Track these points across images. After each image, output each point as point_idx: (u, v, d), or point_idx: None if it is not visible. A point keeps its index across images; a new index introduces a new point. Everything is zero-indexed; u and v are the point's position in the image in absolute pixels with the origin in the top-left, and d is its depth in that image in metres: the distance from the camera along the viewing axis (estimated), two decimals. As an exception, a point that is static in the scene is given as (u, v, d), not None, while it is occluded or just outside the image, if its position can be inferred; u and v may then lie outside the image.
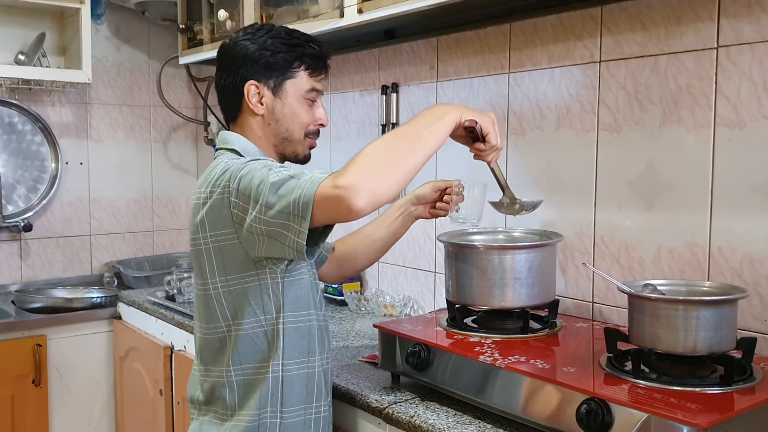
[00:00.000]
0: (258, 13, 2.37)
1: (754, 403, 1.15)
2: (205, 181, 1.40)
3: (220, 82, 1.50)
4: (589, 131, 1.78)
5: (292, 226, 1.23)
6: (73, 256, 3.22)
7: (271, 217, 1.24)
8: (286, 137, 1.49)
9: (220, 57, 1.51)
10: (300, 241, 1.23)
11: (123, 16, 3.30)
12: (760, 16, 1.45)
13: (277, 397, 1.39)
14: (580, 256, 1.81)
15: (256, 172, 1.30)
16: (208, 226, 1.36)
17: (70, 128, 3.19)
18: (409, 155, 1.23)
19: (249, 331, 1.39)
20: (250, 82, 1.45)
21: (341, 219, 1.23)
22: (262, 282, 1.37)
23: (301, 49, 1.48)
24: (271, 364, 1.39)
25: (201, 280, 1.42)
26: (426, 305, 2.28)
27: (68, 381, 2.75)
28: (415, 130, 1.27)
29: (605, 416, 1.15)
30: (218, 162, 1.42)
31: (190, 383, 1.53)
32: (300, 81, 1.48)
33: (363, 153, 1.22)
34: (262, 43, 1.46)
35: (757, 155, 1.46)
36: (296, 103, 1.48)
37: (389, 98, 2.36)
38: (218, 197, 1.34)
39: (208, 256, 1.38)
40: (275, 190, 1.24)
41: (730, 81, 1.51)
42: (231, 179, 1.32)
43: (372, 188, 1.18)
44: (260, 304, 1.38)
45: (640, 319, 1.28)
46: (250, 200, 1.28)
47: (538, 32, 1.89)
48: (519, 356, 1.38)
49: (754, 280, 1.48)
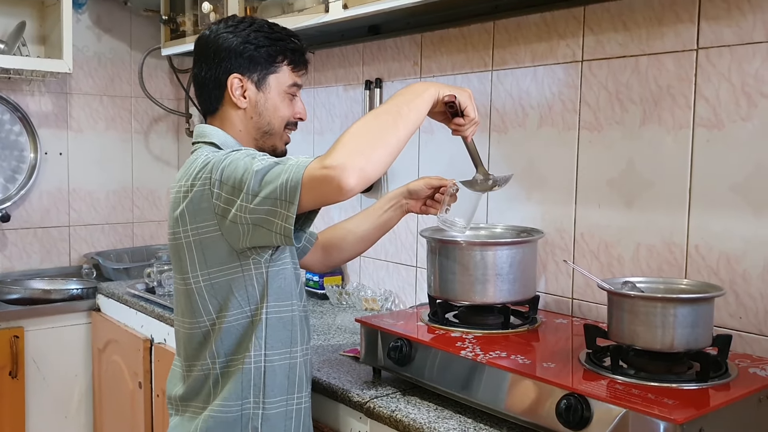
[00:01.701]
0: (242, 5, 2.36)
1: (729, 399, 1.18)
2: (185, 175, 1.39)
3: (201, 74, 1.48)
4: (571, 130, 1.80)
5: (279, 212, 1.23)
6: (51, 247, 3.19)
7: (257, 204, 1.25)
8: (267, 131, 1.49)
9: (200, 48, 1.49)
10: (287, 226, 1.23)
11: (105, 6, 3.27)
12: (739, 20, 1.48)
13: (260, 387, 1.39)
14: (560, 253, 1.83)
15: (239, 161, 1.30)
16: (188, 219, 1.36)
17: (49, 118, 3.16)
18: (393, 132, 1.25)
19: (233, 323, 1.38)
20: (233, 75, 1.45)
21: (331, 200, 1.23)
22: (246, 273, 1.37)
23: (283, 43, 1.48)
24: (253, 354, 1.38)
25: (181, 274, 1.41)
26: (407, 300, 2.29)
27: (45, 373, 2.73)
28: (395, 108, 1.29)
29: (584, 411, 1.17)
30: (198, 155, 1.41)
31: (171, 380, 1.51)
32: (283, 76, 1.49)
33: (347, 134, 1.23)
34: (246, 36, 1.45)
35: (735, 156, 1.49)
36: (278, 98, 1.48)
37: (373, 93, 2.37)
38: (199, 189, 1.33)
39: (188, 250, 1.38)
40: (260, 177, 1.25)
41: (709, 83, 1.53)
42: (213, 171, 1.32)
43: (360, 166, 1.19)
44: (244, 294, 1.38)
45: (619, 315, 1.30)
46: (234, 190, 1.28)
47: (522, 31, 1.90)
48: (500, 351, 1.40)
49: (730, 279, 1.51)
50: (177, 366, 1.51)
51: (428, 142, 2.19)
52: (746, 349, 1.49)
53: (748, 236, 1.48)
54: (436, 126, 2.16)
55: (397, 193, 1.67)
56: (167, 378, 1.53)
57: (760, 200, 1.46)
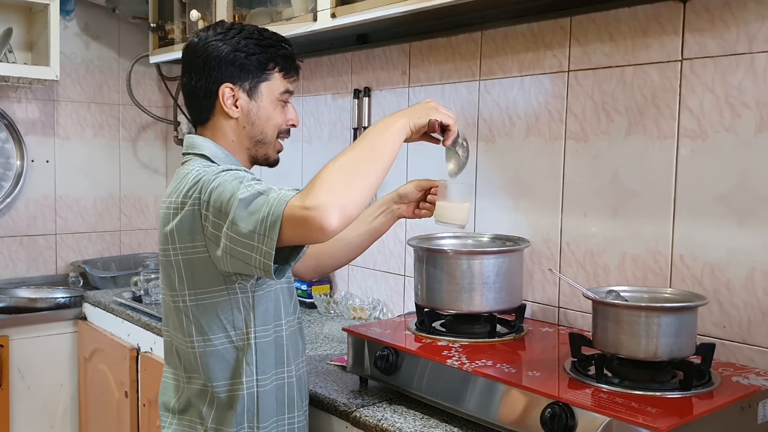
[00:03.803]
0: (230, 13, 2.37)
1: (712, 407, 1.18)
2: (176, 190, 1.35)
3: (190, 83, 1.45)
4: (557, 139, 1.81)
5: (257, 246, 1.20)
6: (37, 256, 3.17)
7: (238, 234, 1.22)
8: (260, 140, 1.47)
9: (189, 57, 1.46)
10: (266, 261, 1.20)
11: (93, 13, 3.27)
12: (723, 31, 1.50)
13: (253, 412, 1.37)
14: (546, 261, 1.84)
15: (227, 185, 1.26)
16: (177, 237, 1.33)
17: (36, 125, 3.14)
18: (371, 168, 1.23)
19: (219, 347, 1.36)
20: (225, 85, 1.42)
21: (312, 240, 1.20)
22: (232, 296, 1.35)
23: (274, 50, 1.46)
24: (245, 380, 1.36)
25: (171, 291, 1.39)
26: (395, 308, 2.30)
27: (30, 382, 2.70)
28: (369, 144, 1.26)
29: (568, 420, 1.17)
30: (188, 170, 1.37)
31: (166, 389, 1.48)
32: (274, 83, 1.46)
33: (325, 172, 1.20)
34: (236, 44, 1.42)
35: (719, 166, 1.51)
36: (270, 106, 1.46)
37: (361, 102, 2.38)
38: (189, 209, 1.31)
39: (177, 268, 1.35)
40: (244, 206, 1.22)
41: (694, 93, 1.55)
42: (202, 191, 1.29)
43: (341, 204, 1.16)
44: (230, 319, 1.35)
45: (604, 324, 1.31)
46: (220, 214, 1.25)
47: (509, 41, 1.92)
48: (486, 360, 1.40)
49: (714, 288, 1.52)
50: (169, 377, 1.48)
51: (417, 151, 2.20)
52: (729, 358, 1.50)
53: (731, 246, 1.49)
54: (423, 135, 2.17)
55: (388, 199, 1.64)
56: (159, 388, 1.50)
57: (744, 210, 1.47)
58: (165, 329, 1.49)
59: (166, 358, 1.50)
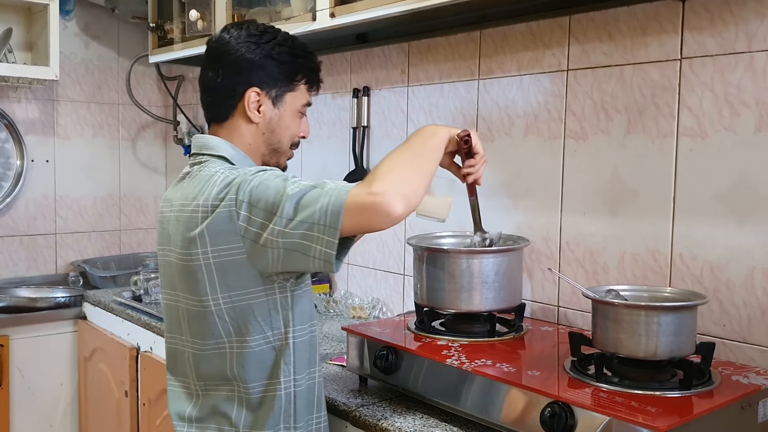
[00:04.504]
0: (230, 13, 2.37)
1: (712, 406, 1.18)
2: (201, 192, 1.31)
3: (216, 80, 1.42)
4: (556, 138, 1.81)
5: (317, 236, 1.20)
6: (37, 255, 3.17)
7: (293, 228, 1.21)
8: (276, 148, 1.46)
9: (219, 53, 1.42)
10: (329, 252, 1.20)
11: (92, 13, 3.27)
12: (722, 30, 1.50)
13: (290, 413, 1.36)
14: (546, 260, 1.84)
15: (269, 182, 1.25)
16: (208, 240, 1.29)
17: (36, 125, 3.14)
18: (425, 165, 1.30)
19: (255, 348, 1.33)
20: (252, 89, 1.40)
21: (376, 226, 1.22)
22: (270, 297, 1.32)
23: (304, 61, 1.45)
24: (283, 380, 1.34)
25: (195, 296, 1.34)
26: (395, 308, 2.30)
27: (31, 382, 2.71)
28: (421, 145, 1.33)
29: (568, 419, 1.17)
30: (212, 171, 1.34)
31: (177, 397, 1.45)
32: (299, 94, 1.46)
33: (386, 164, 1.25)
34: (269, 50, 1.40)
35: (718, 165, 1.50)
36: (290, 116, 1.45)
37: (360, 101, 2.37)
38: (223, 211, 1.27)
39: (207, 272, 1.31)
40: (296, 200, 1.21)
41: (693, 92, 1.55)
42: (239, 191, 1.26)
43: (404, 194, 1.20)
44: (267, 319, 1.33)
45: (603, 323, 1.31)
46: (266, 213, 1.23)
47: (508, 40, 1.92)
48: (485, 360, 1.40)
49: (714, 287, 1.52)
50: (176, 386, 1.45)
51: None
52: (729, 357, 1.50)
53: (731, 245, 1.49)
54: (423, 134, 2.17)
55: None
56: (168, 398, 1.47)
57: (743, 209, 1.47)
58: (170, 336, 1.45)
59: (171, 367, 1.46)
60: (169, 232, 1.38)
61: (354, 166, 2.39)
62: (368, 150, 2.38)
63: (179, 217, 1.35)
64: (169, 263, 1.39)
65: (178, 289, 1.38)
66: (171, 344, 1.45)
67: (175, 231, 1.35)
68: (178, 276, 1.37)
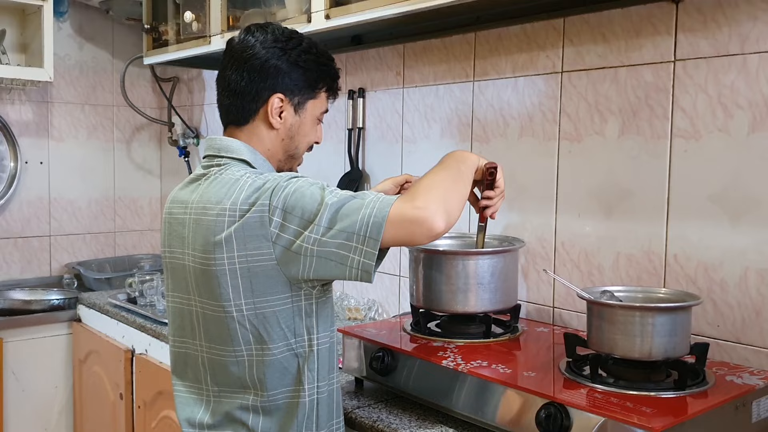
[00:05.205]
0: (225, 15, 2.37)
1: (707, 406, 1.19)
2: (227, 195, 1.29)
3: (240, 83, 1.39)
4: (551, 140, 1.81)
5: (356, 247, 1.21)
6: (32, 257, 3.16)
7: (331, 237, 1.21)
8: (292, 154, 1.46)
9: (243, 57, 1.39)
10: (368, 262, 1.21)
11: (87, 14, 3.26)
12: (716, 32, 1.50)
13: (312, 419, 1.35)
14: (541, 261, 1.85)
15: (305, 190, 1.25)
16: (236, 245, 1.26)
17: (30, 127, 3.13)
18: (461, 186, 1.34)
19: (278, 356, 1.31)
20: (276, 95, 1.38)
21: (416, 240, 1.23)
22: (295, 304, 1.31)
23: (327, 69, 1.45)
24: (306, 387, 1.33)
25: (216, 301, 1.31)
26: (391, 309, 2.30)
27: (25, 385, 2.70)
28: (455, 167, 1.36)
29: (564, 420, 1.18)
30: (236, 175, 1.32)
31: (186, 403, 1.42)
32: (319, 102, 1.45)
33: (428, 182, 1.28)
34: (296, 57, 1.39)
35: (712, 166, 1.51)
36: (310, 123, 1.45)
37: (356, 103, 2.38)
38: (255, 216, 1.25)
39: (231, 277, 1.28)
40: (335, 209, 1.22)
41: (687, 94, 1.55)
42: (272, 197, 1.25)
43: (446, 209, 1.23)
44: (291, 326, 1.32)
45: (598, 324, 1.32)
46: (302, 221, 1.23)
47: (503, 42, 1.92)
48: (481, 361, 1.41)
49: (708, 287, 1.53)
50: (183, 391, 1.43)
51: (411, 152, 2.21)
52: (724, 357, 1.50)
53: (725, 246, 1.50)
54: (418, 135, 2.17)
55: None
56: (176, 404, 1.44)
57: (737, 210, 1.48)
58: (180, 340, 1.42)
59: (179, 371, 1.44)
60: (184, 235, 1.35)
61: (349, 167, 2.39)
62: (363, 151, 2.38)
63: (200, 221, 1.32)
64: (183, 266, 1.37)
65: (195, 293, 1.36)
66: (180, 348, 1.43)
67: (194, 234, 1.33)
68: (194, 280, 1.34)
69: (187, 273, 1.35)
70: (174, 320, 1.44)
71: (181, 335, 1.42)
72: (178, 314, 1.41)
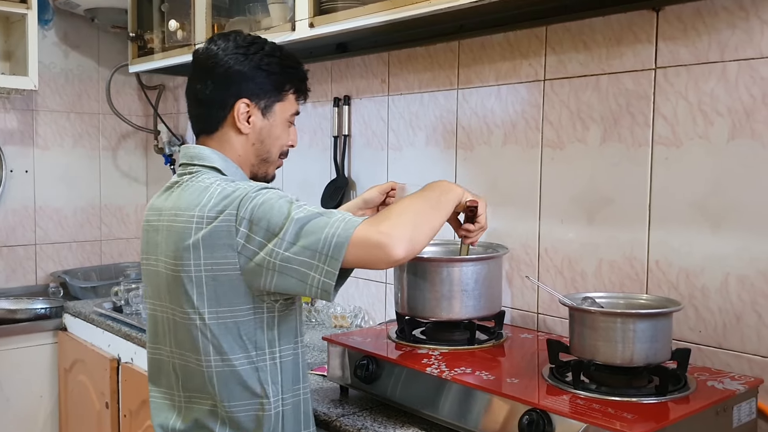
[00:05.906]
0: (209, 23, 2.37)
1: (688, 412, 1.20)
2: (195, 202, 1.30)
3: (205, 92, 1.41)
4: (534, 147, 1.82)
5: (317, 266, 1.21)
6: (16, 266, 3.14)
7: (294, 253, 1.22)
8: (265, 158, 1.46)
9: (208, 66, 1.41)
10: (328, 282, 1.22)
11: (71, 23, 3.25)
12: (696, 40, 1.52)
13: (278, 431, 1.35)
14: (525, 268, 1.85)
15: (273, 203, 1.26)
16: (203, 252, 1.28)
17: (15, 135, 3.12)
18: (436, 217, 1.34)
19: (238, 368, 1.32)
20: (242, 100, 1.40)
21: (374, 265, 1.25)
22: (257, 316, 1.32)
23: (293, 71, 1.46)
24: (271, 399, 1.33)
25: (183, 307, 1.32)
26: (377, 316, 2.30)
27: (10, 394, 2.68)
28: (436, 198, 1.37)
29: (546, 426, 1.19)
30: (206, 182, 1.33)
31: (160, 409, 1.44)
32: (288, 104, 1.46)
33: (399, 209, 1.29)
34: (258, 61, 1.41)
35: (693, 173, 1.53)
36: (280, 126, 1.46)
37: (341, 110, 2.38)
38: (222, 224, 1.26)
39: (197, 284, 1.29)
40: (300, 225, 1.22)
41: (667, 101, 1.57)
42: (240, 207, 1.26)
43: (410, 238, 1.24)
44: (252, 339, 1.32)
45: (580, 331, 1.32)
46: (267, 233, 1.24)
47: (486, 50, 1.93)
48: (465, 368, 1.41)
49: (690, 293, 1.54)
50: (158, 397, 1.43)
51: (397, 160, 2.21)
52: (705, 363, 1.52)
53: (706, 252, 1.51)
54: (403, 143, 2.18)
55: (352, 205, 1.66)
56: (151, 410, 1.46)
57: (718, 216, 1.49)
58: (154, 346, 1.43)
59: (153, 378, 1.44)
60: (158, 241, 1.37)
61: (335, 174, 2.40)
62: (349, 159, 2.38)
63: (171, 227, 1.33)
64: (156, 273, 1.38)
65: (166, 300, 1.37)
66: (154, 354, 1.44)
67: (167, 240, 1.34)
68: (166, 286, 1.36)
69: (160, 279, 1.37)
70: (150, 327, 1.45)
71: (155, 341, 1.43)
72: (153, 320, 1.43)
